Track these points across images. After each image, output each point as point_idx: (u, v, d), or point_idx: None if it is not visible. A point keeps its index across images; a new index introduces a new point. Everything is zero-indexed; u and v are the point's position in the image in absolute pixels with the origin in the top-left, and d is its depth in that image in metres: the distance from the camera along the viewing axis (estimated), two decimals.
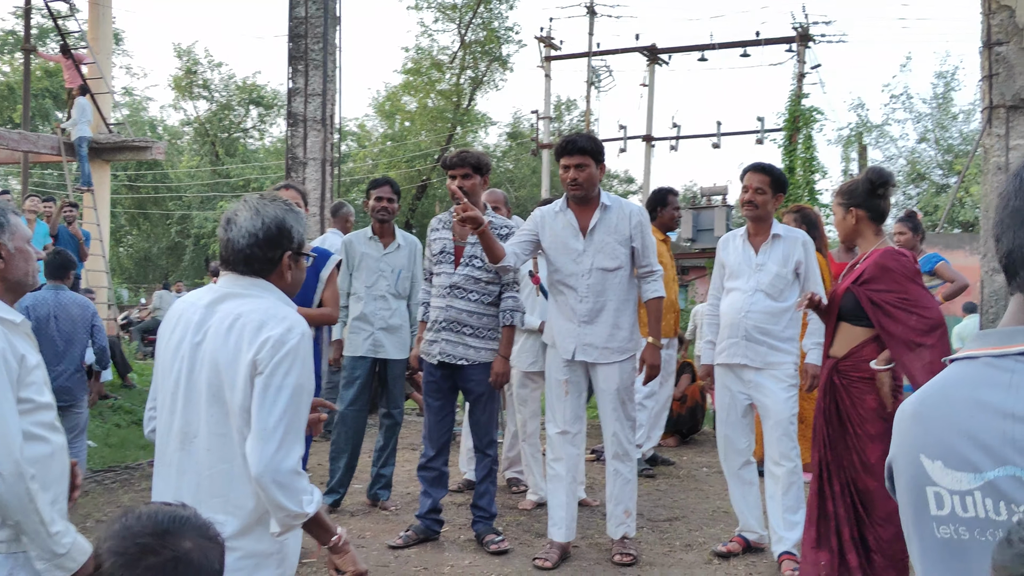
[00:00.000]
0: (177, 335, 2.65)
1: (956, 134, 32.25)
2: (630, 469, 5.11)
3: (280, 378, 2.48)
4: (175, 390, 2.62)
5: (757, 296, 5.10)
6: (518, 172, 39.43)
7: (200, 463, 2.57)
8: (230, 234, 2.65)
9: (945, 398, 1.43)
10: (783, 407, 5.04)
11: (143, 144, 18.69)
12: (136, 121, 40.30)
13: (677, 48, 26.31)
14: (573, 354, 5.03)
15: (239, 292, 2.63)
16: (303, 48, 9.63)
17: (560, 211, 5.11)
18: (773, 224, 5.19)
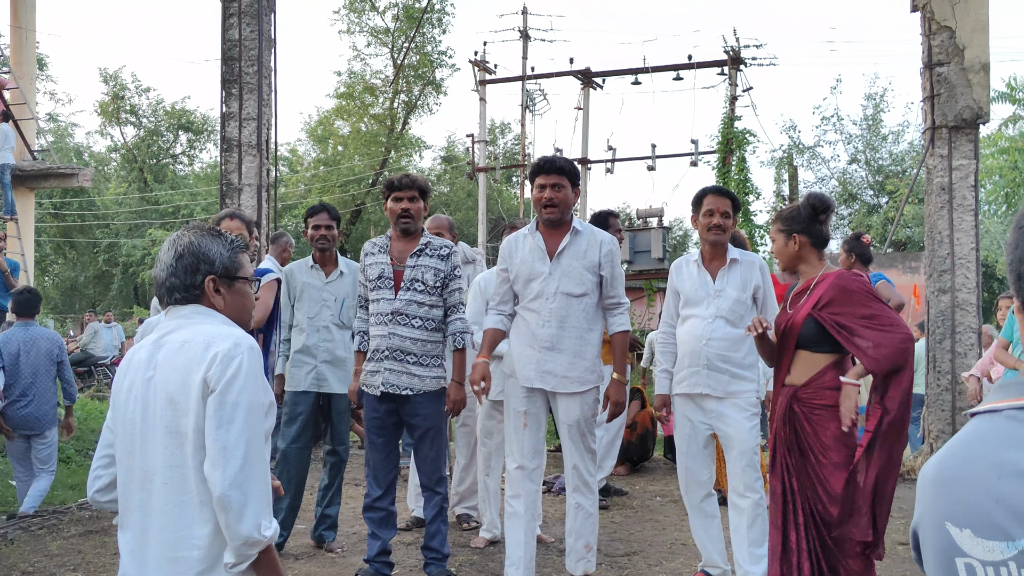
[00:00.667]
0: (129, 378, 2.58)
1: (886, 155, 32.81)
2: (592, 503, 4.92)
3: (234, 395, 2.41)
4: (132, 432, 2.53)
5: (717, 323, 4.94)
6: (453, 196, 39.24)
7: (160, 500, 2.47)
8: (155, 270, 2.67)
9: (969, 459, 1.29)
10: (746, 437, 4.89)
11: (69, 171, 18.18)
12: (62, 147, 39.39)
13: (611, 72, 26.38)
14: (532, 381, 4.83)
15: (183, 322, 2.58)
16: (237, 71, 9.34)
17: (529, 234, 4.94)
18: (729, 248, 5.06)
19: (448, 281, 5.08)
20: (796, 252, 4.30)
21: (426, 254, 5.06)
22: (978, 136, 8.67)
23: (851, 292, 4.16)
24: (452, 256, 5.11)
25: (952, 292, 8.61)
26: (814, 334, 4.20)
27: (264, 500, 2.41)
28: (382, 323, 5.02)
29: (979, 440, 1.29)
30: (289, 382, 5.81)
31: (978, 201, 8.66)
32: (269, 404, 2.52)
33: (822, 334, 4.18)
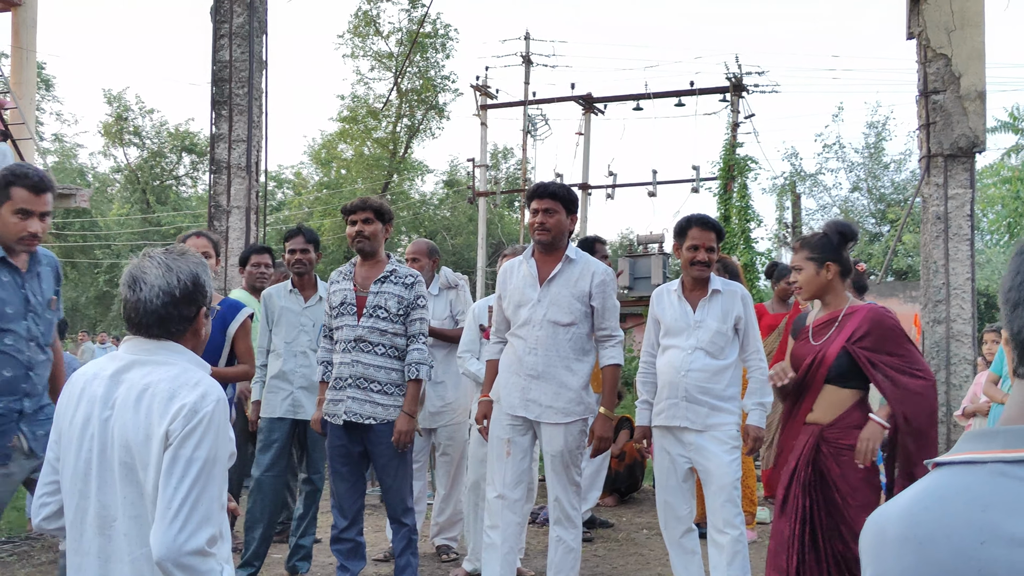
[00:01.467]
0: (83, 411, 2.40)
1: (888, 183, 32.71)
2: (574, 537, 4.77)
3: (190, 450, 2.27)
4: (87, 472, 2.38)
5: (696, 354, 4.82)
6: (455, 220, 39.20)
7: (121, 549, 2.34)
8: (140, 295, 2.42)
9: (945, 520, 1.10)
10: (726, 471, 4.75)
11: (67, 192, 18.12)
12: (66, 168, 39.49)
13: (612, 97, 26.38)
14: (516, 409, 4.72)
15: (145, 359, 2.40)
16: (227, 93, 9.28)
17: (524, 260, 4.85)
18: (711, 278, 4.94)
19: (411, 310, 4.98)
20: (828, 281, 4.14)
21: (390, 281, 4.97)
22: (974, 165, 8.56)
23: (887, 329, 4.02)
24: (417, 285, 5.01)
25: (947, 323, 8.48)
26: (846, 369, 4.03)
27: (204, 559, 2.27)
28: (345, 350, 4.91)
29: (957, 496, 1.12)
30: (264, 408, 5.69)
31: (974, 230, 8.55)
32: (230, 455, 2.40)
33: (853, 369, 4.02)
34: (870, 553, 1.19)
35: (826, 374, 4.06)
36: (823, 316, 4.17)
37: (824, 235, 4.22)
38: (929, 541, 1.10)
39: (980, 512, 1.08)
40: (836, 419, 4.04)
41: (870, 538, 1.19)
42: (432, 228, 37.88)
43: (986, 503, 1.08)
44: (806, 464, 4.03)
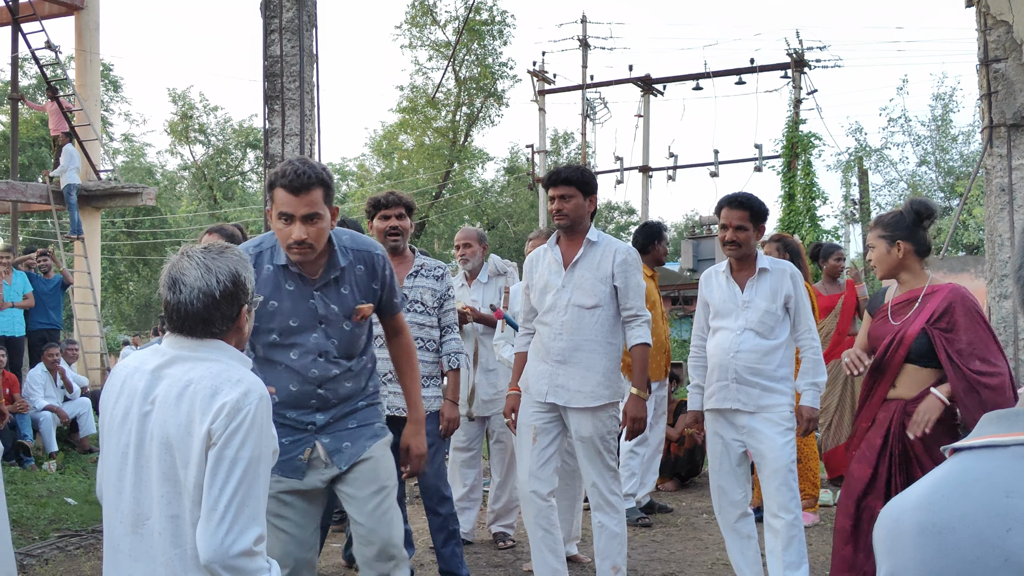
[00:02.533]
0: (122, 405, 2.40)
1: (956, 156, 31.96)
2: (616, 521, 4.72)
3: (234, 450, 2.26)
4: (122, 467, 2.38)
5: (746, 335, 4.73)
6: (516, 207, 39.20)
7: (154, 548, 2.33)
8: (181, 296, 2.39)
9: (967, 505, 1.05)
10: (780, 454, 4.67)
11: (133, 190, 18.49)
12: (135, 167, 40.26)
13: (671, 78, 26.11)
14: (545, 396, 4.69)
15: (187, 355, 2.39)
16: (279, 87, 9.35)
17: (549, 247, 4.83)
18: (758, 257, 4.86)
19: (443, 301, 5.04)
20: (899, 259, 4.04)
21: (422, 275, 5.03)
22: None
23: (966, 311, 3.90)
24: (446, 276, 5.08)
25: (1014, 297, 8.25)
26: (926, 350, 3.92)
27: (252, 559, 2.28)
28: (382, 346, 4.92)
29: (978, 482, 1.07)
30: None
31: None
32: (273, 452, 2.41)
33: (933, 349, 3.92)
34: (885, 546, 1.13)
35: (905, 355, 3.96)
36: (902, 295, 4.07)
37: (899, 213, 4.12)
38: (949, 530, 1.05)
39: (1004, 498, 1.03)
40: (920, 394, 3.93)
41: (885, 531, 1.14)
42: (494, 216, 37.95)
43: (1009, 488, 1.04)
44: (897, 440, 3.94)
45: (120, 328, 39.25)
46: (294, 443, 3.44)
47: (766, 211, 4.87)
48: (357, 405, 3.52)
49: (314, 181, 3.20)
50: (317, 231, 3.25)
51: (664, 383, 7.15)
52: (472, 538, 6.33)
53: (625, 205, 45.67)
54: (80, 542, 6.59)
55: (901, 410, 3.95)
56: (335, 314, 3.39)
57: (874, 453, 3.99)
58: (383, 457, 3.51)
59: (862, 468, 4.02)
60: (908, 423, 3.91)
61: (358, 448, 3.46)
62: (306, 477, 3.44)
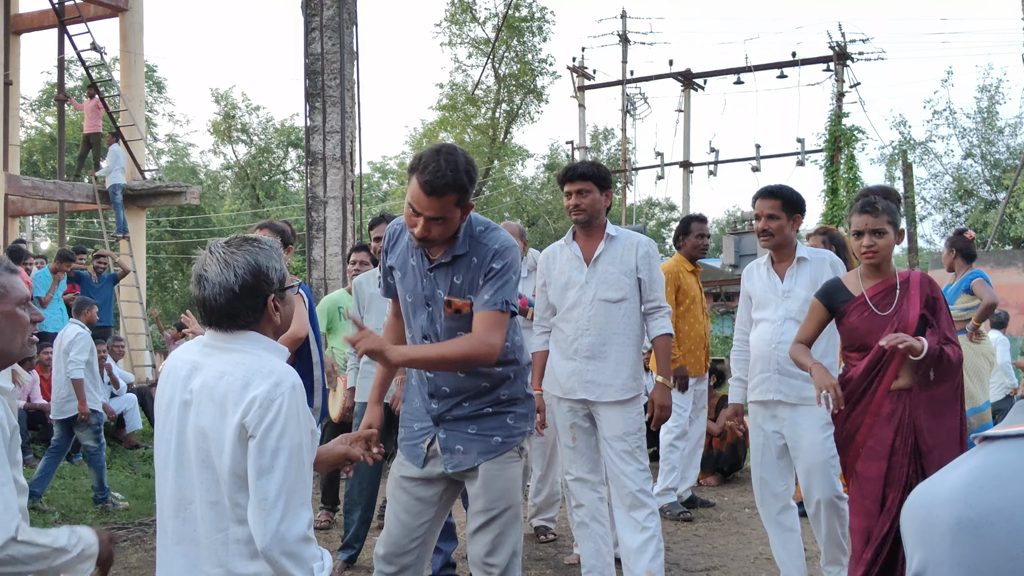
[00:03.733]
0: (167, 394, 2.48)
1: (1003, 148, 31.46)
2: (653, 519, 4.64)
3: (274, 440, 2.31)
4: (167, 453, 2.45)
5: (787, 325, 4.71)
6: (556, 204, 39.13)
7: (197, 532, 2.39)
8: (204, 292, 2.43)
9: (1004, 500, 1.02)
10: (818, 449, 4.60)
11: (177, 189, 18.70)
12: (179, 167, 40.71)
13: (712, 72, 26.02)
14: (575, 393, 4.69)
15: (223, 346, 2.45)
16: (320, 85, 9.43)
17: (566, 243, 4.83)
18: (797, 247, 4.84)
19: None
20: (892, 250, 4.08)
21: None
22: None
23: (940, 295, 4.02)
24: None
25: None
26: (922, 334, 3.92)
27: (308, 545, 2.34)
28: None
29: (1016, 474, 1.04)
30: (359, 393, 5.78)
31: None
32: (312, 435, 2.44)
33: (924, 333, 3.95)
34: (917, 537, 1.11)
35: None
36: (877, 284, 4.05)
37: (891, 201, 4.12)
38: (987, 525, 1.03)
39: None
40: (919, 381, 3.92)
41: (916, 522, 1.12)
42: (534, 212, 37.94)
43: None
44: (910, 431, 3.90)
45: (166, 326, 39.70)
46: (422, 430, 3.46)
47: (800, 200, 4.82)
48: (482, 410, 3.39)
49: (450, 187, 3.13)
50: (441, 231, 3.22)
51: (704, 378, 7.11)
52: None
53: (666, 201, 45.48)
54: (127, 535, 6.69)
55: (909, 400, 3.92)
56: (440, 299, 3.34)
57: (885, 447, 3.92)
58: (497, 478, 3.37)
59: (876, 465, 3.94)
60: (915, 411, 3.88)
61: (468, 459, 3.37)
62: (425, 467, 3.44)
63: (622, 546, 4.71)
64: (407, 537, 3.44)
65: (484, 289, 3.27)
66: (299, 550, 2.31)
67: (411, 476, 3.47)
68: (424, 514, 3.47)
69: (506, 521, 3.36)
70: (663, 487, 6.79)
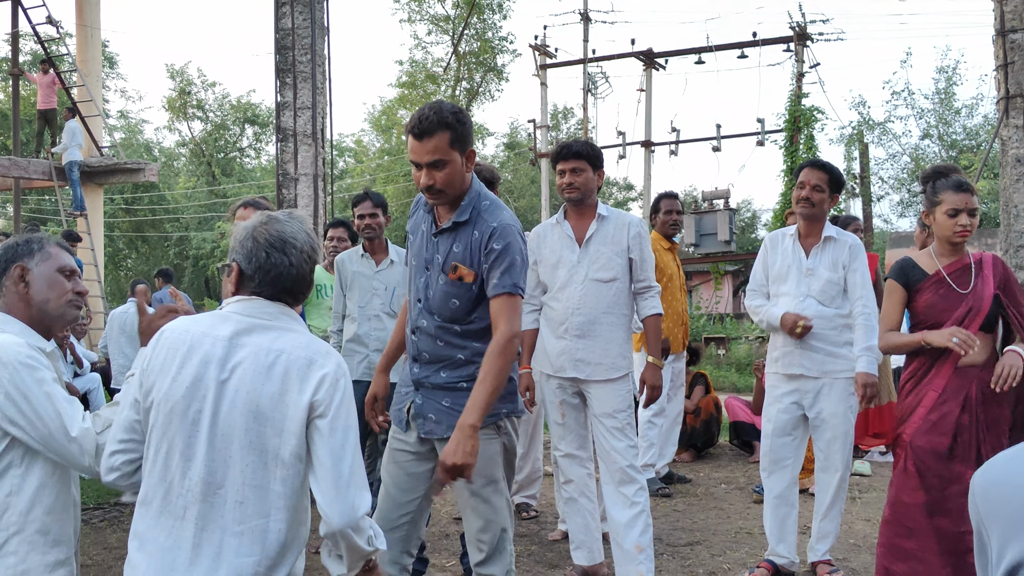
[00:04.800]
0: (192, 369, 2.35)
1: (959, 129, 31.93)
2: (642, 495, 4.66)
3: (344, 418, 2.34)
4: (192, 433, 2.33)
5: (808, 302, 4.82)
6: (517, 182, 39.15)
7: (226, 518, 2.30)
8: (292, 258, 2.42)
9: None
10: (841, 421, 4.79)
11: (135, 166, 18.43)
12: (133, 144, 40.12)
13: (673, 52, 26.00)
14: (566, 371, 4.70)
15: (267, 323, 2.40)
16: (290, 60, 9.30)
17: (557, 222, 4.83)
18: (826, 226, 4.88)
19: None
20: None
21: None
22: None
23: (1015, 278, 4.07)
24: None
25: None
26: (994, 315, 3.96)
27: (371, 523, 2.39)
28: None
29: None
30: None
31: None
32: None
33: (996, 315, 3.97)
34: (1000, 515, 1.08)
35: (981, 322, 3.94)
36: (952, 263, 4.01)
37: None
38: None
39: None
40: (988, 359, 3.93)
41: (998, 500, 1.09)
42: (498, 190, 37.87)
43: None
44: (979, 406, 3.89)
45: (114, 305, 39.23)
46: (406, 394, 3.47)
47: (844, 181, 4.88)
48: (458, 384, 3.34)
49: (436, 125, 3.14)
50: (445, 176, 3.22)
51: (682, 355, 7.16)
52: None
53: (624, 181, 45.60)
54: (104, 515, 6.60)
55: (978, 377, 3.91)
56: (438, 264, 3.35)
57: (951, 423, 3.90)
58: None
59: (939, 440, 3.90)
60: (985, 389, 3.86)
61: (439, 429, 3.33)
62: (407, 431, 3.44)
63: (611, 521, 4.73)
64: (396, 512, 3.44)
65: (491, 273, 3.25)
66: (366, 524, 2.35)
67: (404, 450, 3.46)
68: (414, 490, 3.46)
69: (487, 497, 3.35)
70: (641, 463, 6.81)
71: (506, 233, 3.25)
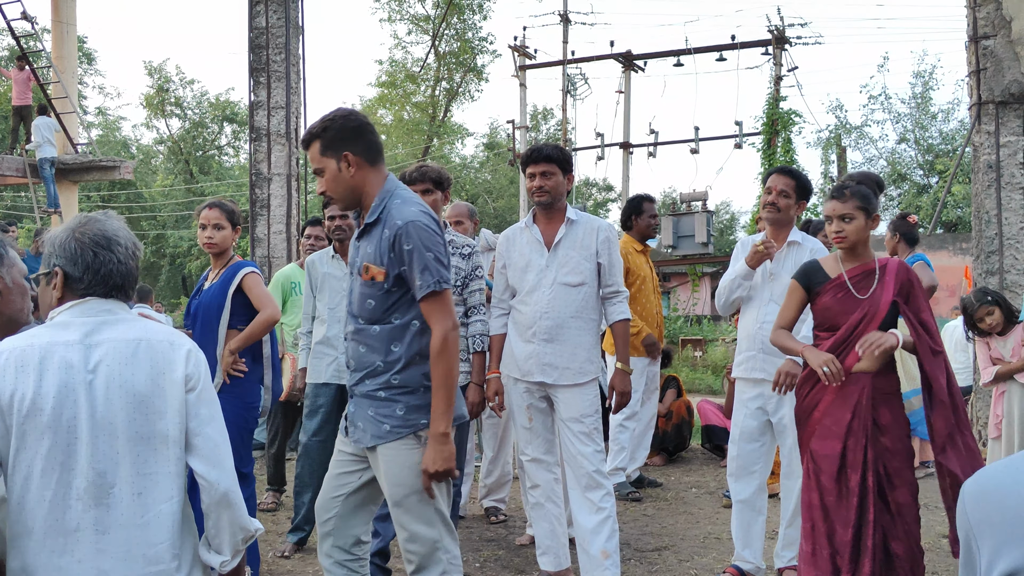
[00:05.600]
0: (53, 378, 2.26)
1: (936, 133, 32.11)
2: (608, 500, 4.63)
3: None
4: (70, 441, 2.25)
5: (770, 307, 4.79)
6: (496, 183, 39.13)
7: (125, 515, 2.28)
8: (119, 255, 2.43)
9: None
10: None
11: (111, 164, 18.31)
12: (110, 141, 39.87)
13: (652, 54, 26.10)
14: (533, 375, 4.67)
15: (113, 318, 2.39)
16: (264, 59, 9.26)
17: (526, 226, 4.81)
18: (793, 231, 4.89)
19: (469, 281, 4.94)
20: (868, 233, 4.08)
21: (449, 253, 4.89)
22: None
23: (921, 286, 4.06)
24: (474, 255, 4.97)
25: (1000, 274, 8.30)
26: (891, 321, 4.00)
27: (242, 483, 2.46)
28: None
29: None
30: (310, 374, 5.69)
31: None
32: None
33: (893, 322, 4.01)
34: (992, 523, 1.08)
35: (876, 327, 3.97)
36: (856, 267, 4.07)
37: (867, 188, 4.12)
38: None
39: None
40: (883, 366, 3.99)
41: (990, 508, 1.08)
42: (473, 191, 37.84)
43: None
44: (868, 413, 3.94)
45: None
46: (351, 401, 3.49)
47: (811, 188, 4.91)
48: (377, 392, 3.31)
49: (308, 136, 3.32)
50: (325, 182, 3.35)
51: (656, 359, 7.15)
52: (464, 512, 6.33)
53: (603, 182, 45.65)
54: None
55: (870, 383, 3.97)
56: (357, 267, 3.37)
57: (842, 428, 3.96)
58: (392, 463, 3.27)
59: (831, 444, 3.98)
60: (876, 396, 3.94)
61: (365, 438, 3.33)
62: (348, 435, 3.45)
63: (577, 527, 4.71)
64: (330, 502, 3.48)
65: (411, 276, 3.24)
66: (241, 497, 2.45)
67: (342, 450, 3.50)
68: (341, 488, 3.46)
69: (411, 507, 3.28)
70: (612, 467, 6.80)
71: (412, 231, 3.22)
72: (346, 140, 3.29)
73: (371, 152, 3.33)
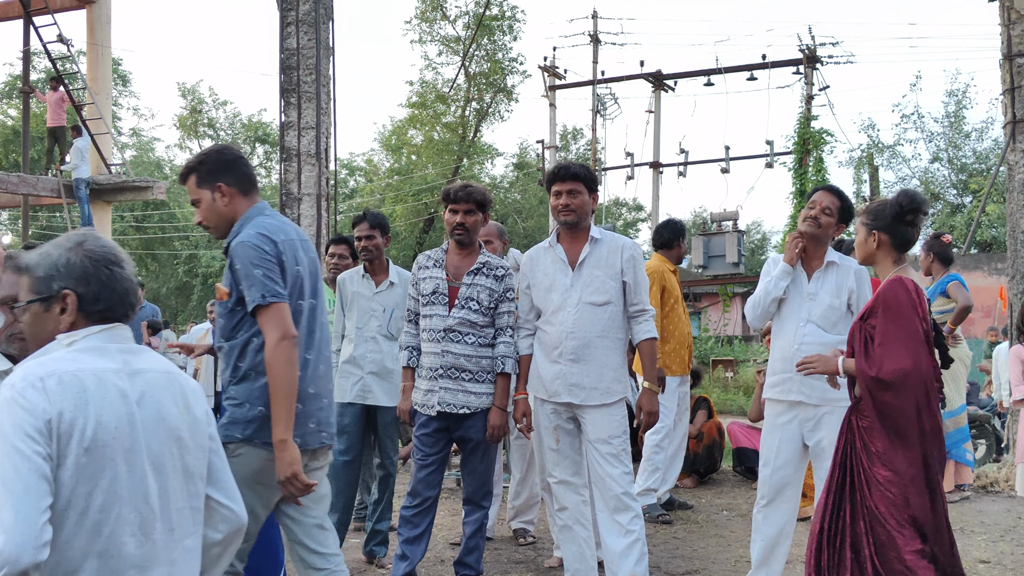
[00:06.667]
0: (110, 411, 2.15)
1: (969, 152, 31.82)
2: (638, 523, 4.57)
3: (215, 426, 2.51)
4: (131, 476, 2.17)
5: (809, 327, 4.68)
6: (525, 203, 39.15)
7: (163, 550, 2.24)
8: (128, 270, 2.34)
9: None
10: None
11: (144, 184, 18.47)
12: (144, 162, 40.27)
13: (682, 73, 26.07)
14: (560, 396, 4.62)
15: (132, 346, 2.33)
16: (295, 80, 9.31)
17: (550, 246, 4.78)
18: (829, 251, 4.81)
19: (499, 303, 4.85)
20: (873, 250, 3.98)
21: (483, 273, 4.82)
22: None
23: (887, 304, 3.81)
24: (507, 278, 4.89)
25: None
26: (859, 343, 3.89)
27: None
28: (434, 340, 4.81)
29: None
30: (336, 393, 5.67)
31: None
32: None
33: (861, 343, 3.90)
34: None
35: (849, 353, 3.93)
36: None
37: (884, 203, 4.05)
38: None
39: None
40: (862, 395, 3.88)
41: None
42: (503, 211, 37.89)
43: None
44: (844, 442, 3.89)
45: None
46: None
47: (853, 214, 4.72)
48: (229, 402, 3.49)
49: (185, 171, 3.53)
50: (202, 215, 3.51)
51: (687, 378, 7.09)
52: (492, 534, 6.28)
53: (633, 201, 45.57)
54: None
55: (850, 411, 3.91)
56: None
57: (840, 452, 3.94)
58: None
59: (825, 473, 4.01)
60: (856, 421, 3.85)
61: None
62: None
63: (605, 550, 4.65)
64: None
65: (244, 292, 3.36)
66: None
67: None
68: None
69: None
70: (644, 487, 6.73)
71: (240, 251, 3.37)
72: (220, 172, 3.47)
73: (244, 183, 3.51)
